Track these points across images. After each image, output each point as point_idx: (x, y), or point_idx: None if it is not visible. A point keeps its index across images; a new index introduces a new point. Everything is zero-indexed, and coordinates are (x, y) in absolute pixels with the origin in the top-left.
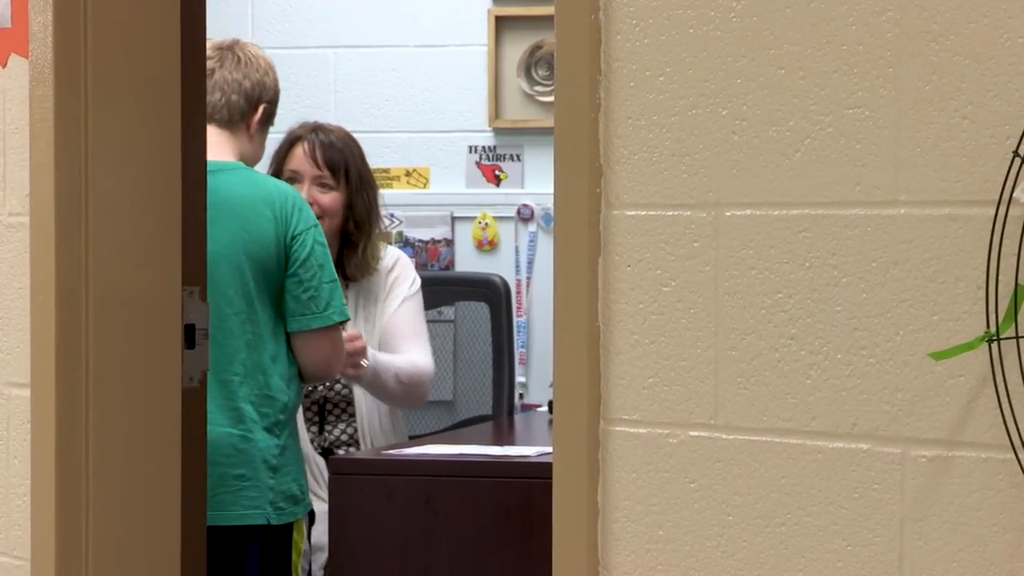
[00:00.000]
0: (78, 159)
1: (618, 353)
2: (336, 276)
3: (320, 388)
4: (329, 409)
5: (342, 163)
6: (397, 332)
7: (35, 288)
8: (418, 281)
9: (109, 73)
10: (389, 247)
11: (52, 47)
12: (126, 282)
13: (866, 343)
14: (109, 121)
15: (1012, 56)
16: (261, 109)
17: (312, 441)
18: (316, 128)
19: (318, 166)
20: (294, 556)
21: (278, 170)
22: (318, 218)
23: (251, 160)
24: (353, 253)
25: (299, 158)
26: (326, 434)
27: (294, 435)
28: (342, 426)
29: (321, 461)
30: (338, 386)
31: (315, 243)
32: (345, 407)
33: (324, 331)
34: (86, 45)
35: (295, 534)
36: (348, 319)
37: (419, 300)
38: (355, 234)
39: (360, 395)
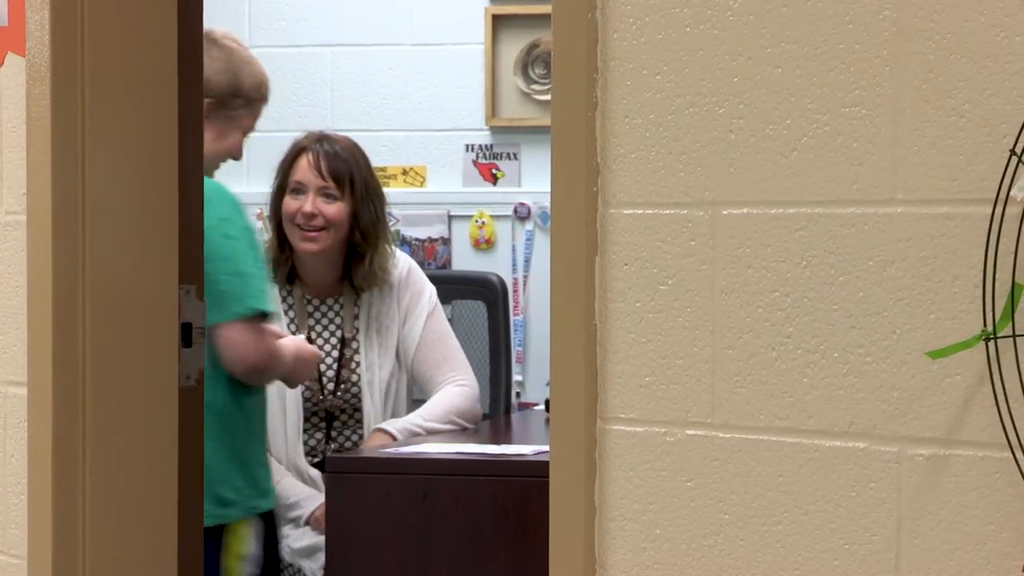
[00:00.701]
0: (75, 158)
1: (615, 352)
2: (252, 268)
3: (328, 396)
4: (336, 415)
5: (347, 173)
6: (428, 360)
7: (32, 287)
8: (433, 290)
9: (106, 72)
10: (398, 253)
11: (49, 45)
12: (123, 280)
13: (863, 342)
14: (106, 120)
15: (1009, 55)
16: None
17: (315, 448)
18: (321, 138)
19: (323, 177)
20: (227, 560)
21: (283, 181)
22: (322, 229)
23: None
24: (360, 265)
25: (304, 169)
26: (331, 442)
27: (224, 438)
28: (347, 432)
29: (316, 473)
30: (348, 395)
31: (222, 237)
32: (352, 413)
33: (231, 325)
34: (83, 44)
35: (228, 537)
36: (258, 312)
37: (440, 310)
38: (361, 245)
39: (368, 402)
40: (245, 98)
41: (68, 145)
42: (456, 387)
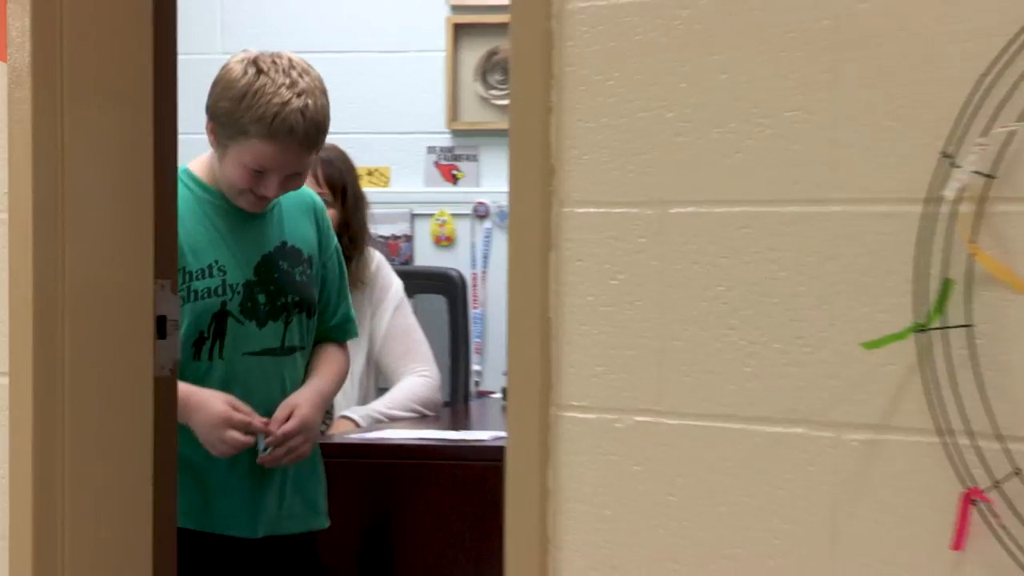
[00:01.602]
0: (55, 159)
1: (568, 343)
2: None
3: None
4: None
5: (340, 181)
6: (393, 351)
7: (13, 282)
8: (400, 285)
9: (84, 76)
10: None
11: (30, 51)
12: (101, 276)
13: (802, 333)
14: (84, 122)
15: (941, 63)
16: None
17: None
18: None
19: (319, 183)
20: None
21: None
22: None
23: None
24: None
25: None
26: None
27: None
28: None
29: None
30: None
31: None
32: None
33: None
34: (62, 50)
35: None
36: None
37: (406, 304)
38: (348, 249)
39: (339, 395)
40: (235, 127)
41: (48, 146)
42: (418, 377)
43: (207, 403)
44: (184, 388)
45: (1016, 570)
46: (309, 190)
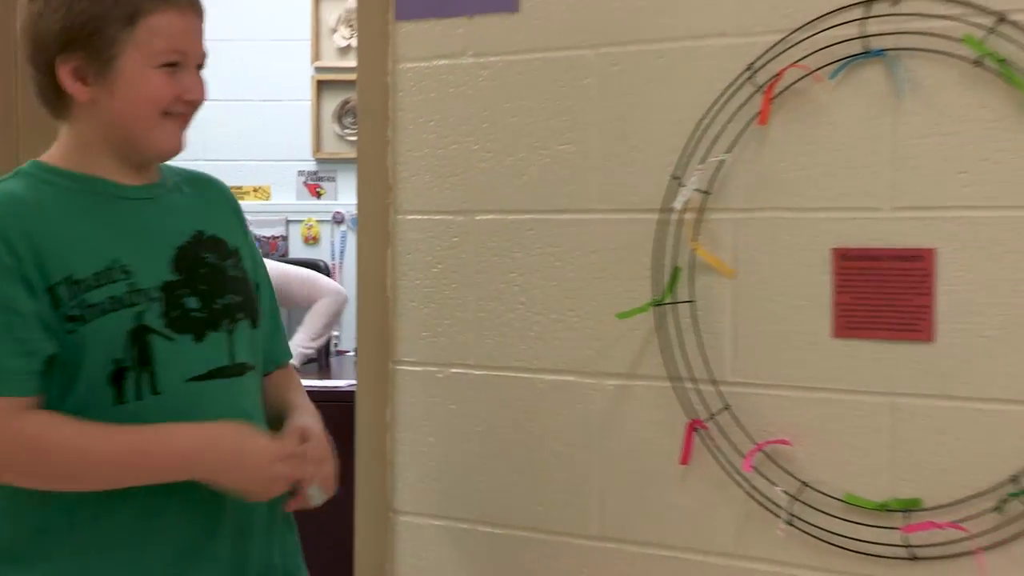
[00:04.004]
0: (12, 163)
1: (402, 315)
2: None
3: None
4: None
5: None
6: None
7: None
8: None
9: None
10: None
11: None
12: None
13: (573, 307)
14: (36, 131)
15: (670, 108)
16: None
17: None
18: None
19: None
20: None
21: None
22: None
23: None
24: None
25: None
26: None
27: None
28: None
29: None
30: None
31: None
32: None
33: None
34: (17, 77)
35: None
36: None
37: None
38: None
39: None
40: (117, 20)
41: (5, 149)
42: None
43: (245, 443)
44: (177, 431)
45: (725, 478)
46: (217, 179)
